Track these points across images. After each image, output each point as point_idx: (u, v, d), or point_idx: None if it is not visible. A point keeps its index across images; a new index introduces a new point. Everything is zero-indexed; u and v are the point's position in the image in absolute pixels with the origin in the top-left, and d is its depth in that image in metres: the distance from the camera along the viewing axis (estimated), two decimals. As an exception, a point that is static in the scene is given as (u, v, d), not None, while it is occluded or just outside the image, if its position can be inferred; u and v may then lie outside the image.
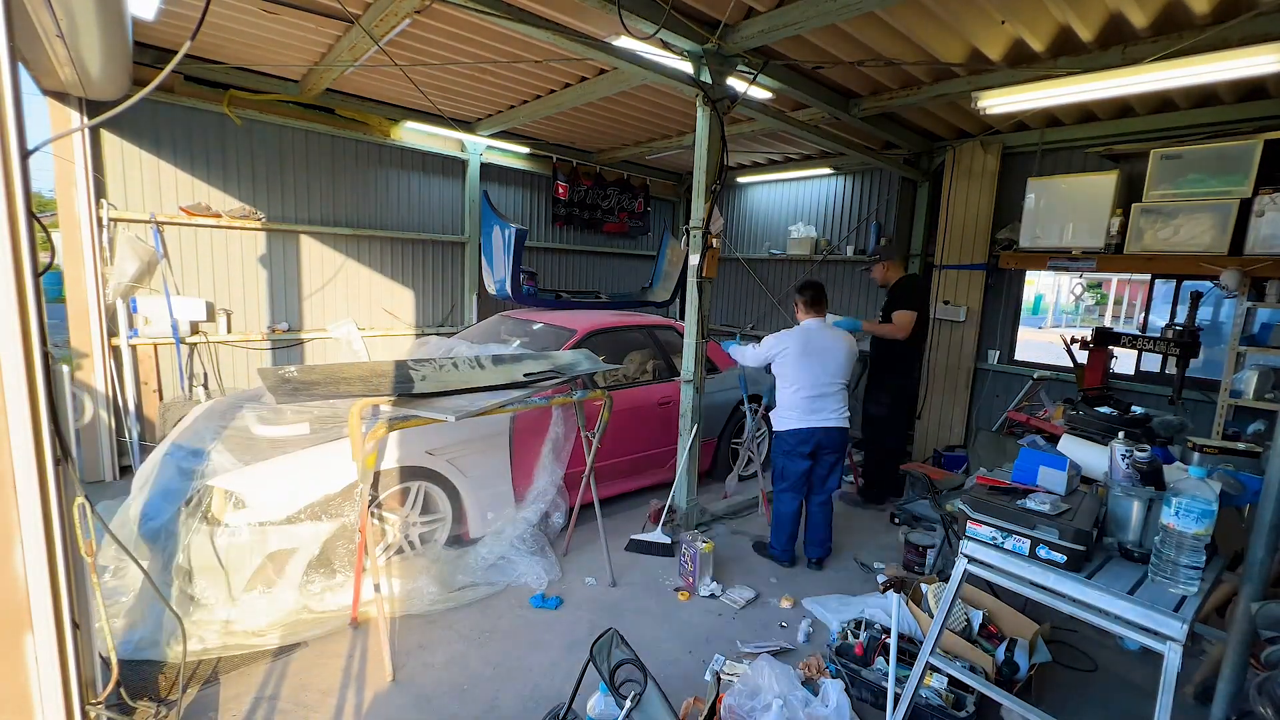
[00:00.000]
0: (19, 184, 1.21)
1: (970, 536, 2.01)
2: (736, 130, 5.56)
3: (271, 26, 3.85)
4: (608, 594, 3.31)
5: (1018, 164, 5.46)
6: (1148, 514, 1.93)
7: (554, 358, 3.41)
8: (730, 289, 8.20)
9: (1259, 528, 1.57)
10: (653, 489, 4.58)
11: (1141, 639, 1.67)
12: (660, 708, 2.00)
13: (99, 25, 2.73)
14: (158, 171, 4.60)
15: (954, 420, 5.94)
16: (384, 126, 5.63)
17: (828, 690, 2.35)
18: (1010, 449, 3.77)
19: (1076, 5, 3.23)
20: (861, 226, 6.80)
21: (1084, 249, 4.52)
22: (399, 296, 6.10)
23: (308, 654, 2.68)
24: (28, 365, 1.27)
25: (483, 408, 2.66)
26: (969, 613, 2.78)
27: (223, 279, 4.99)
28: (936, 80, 4.33)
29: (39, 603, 1.35)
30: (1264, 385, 3.95)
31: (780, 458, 3.66)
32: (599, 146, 6.99)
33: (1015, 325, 5.77)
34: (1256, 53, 3.04)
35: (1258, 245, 3.77)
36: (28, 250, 1.25)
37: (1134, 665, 2.91)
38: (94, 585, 1.70)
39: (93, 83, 3.60)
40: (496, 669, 2.65)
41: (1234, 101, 4.27)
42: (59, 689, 1.40)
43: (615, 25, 3.09)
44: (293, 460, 2.94)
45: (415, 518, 3.29)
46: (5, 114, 1.18)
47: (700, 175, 3.77)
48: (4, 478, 1.28)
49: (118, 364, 4.52)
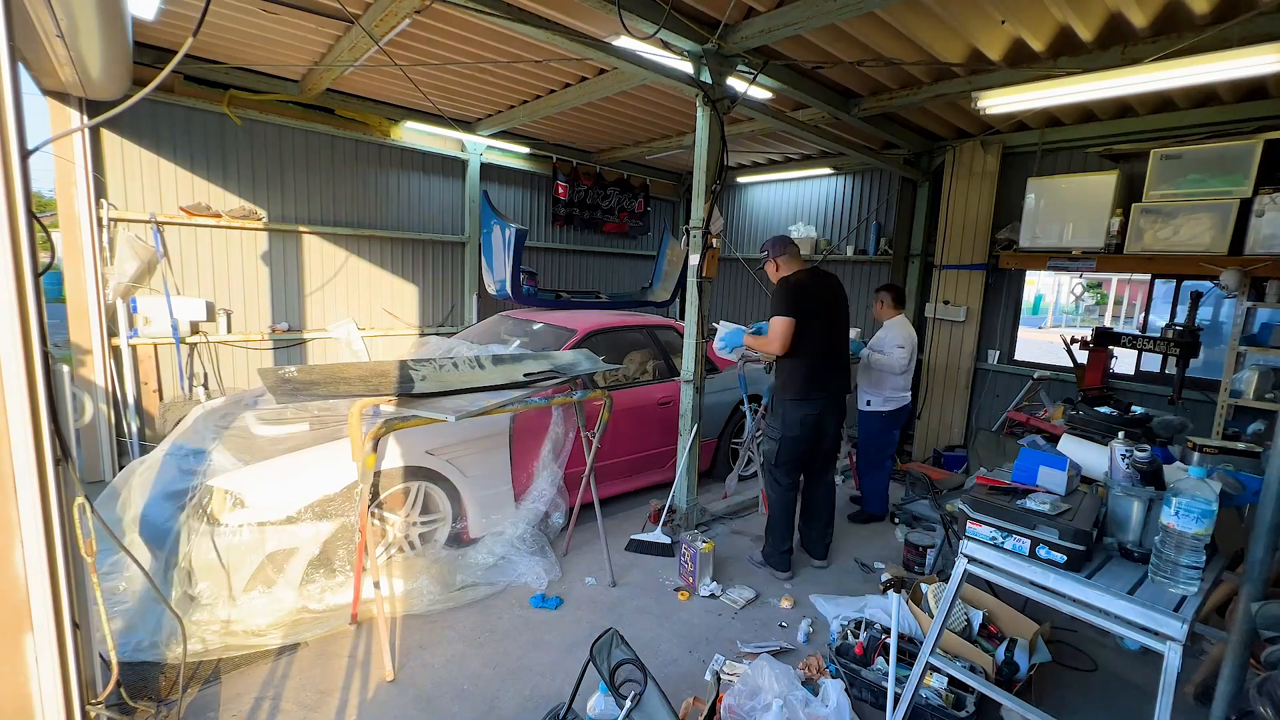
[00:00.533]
0: (19, 184, 1.21)
1: (970, 536, 2.01)
2: (736, 130, 5.56)
3: (271, 26, 3.85)
4: (608, 594, 3.31)
5: (1018, 164, 5.46)
6: (1148, 514, 1.93)
7: (554, 358, 3.41)
8: (730, 289, 8.20)
9: (1259, 528, 1.57)
10: (653, 489, 4.58)
11: (1141, 639, 1.67)
12: (660, 708, 2.01)
13: (99, 25, 2.73)
14: (158, 171, 4.60)
15: (954, 420, 5.94)
16: (384, 126, 5.63)
17: (828, 690, 2.35)
18: (1010, 449, 3.78)
19: (1076, 5, 3.23)
20: (861, 226, 6.80)
21: (1084, 249, 4.52)
22: (399, 296, 6.10)
23: (308, 654, 2.68)
24: (28, 365, 1.27)
25: (483, 408, 2.66)
26: (969, 613, 2.78)
27: (223, 279, 4.99)
28: (936, 80, 4.34)
29: (39, 603, 1.35)
30: (1264, 385, 3.95)
31: (888, 431, 4.36)
32: (599, 146, 6.99)
33: (1015, 325, 5.77)
34: (1256, 53, 3.05)
35: (1258, 245, 3.77)
36: (28, 250, 1.24)
37: (1134, 665, 2.91)
38: (94, 585, 1.71)
39: (93, 83, 3.60)
40: (496, 669, 2.65)
41: (1234, 101, 4.27)
42: (59, 689, 1.40)
43: (615, 25, 3.09)
44: (293, 460, 2.94)
45: (415, 518, 3.29)
46: (5, 114, 1.18)
47: (700, 175, 3.77)
48: (4, 478, 1.28)
49: (118, 364, 4.52)
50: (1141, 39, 3.45)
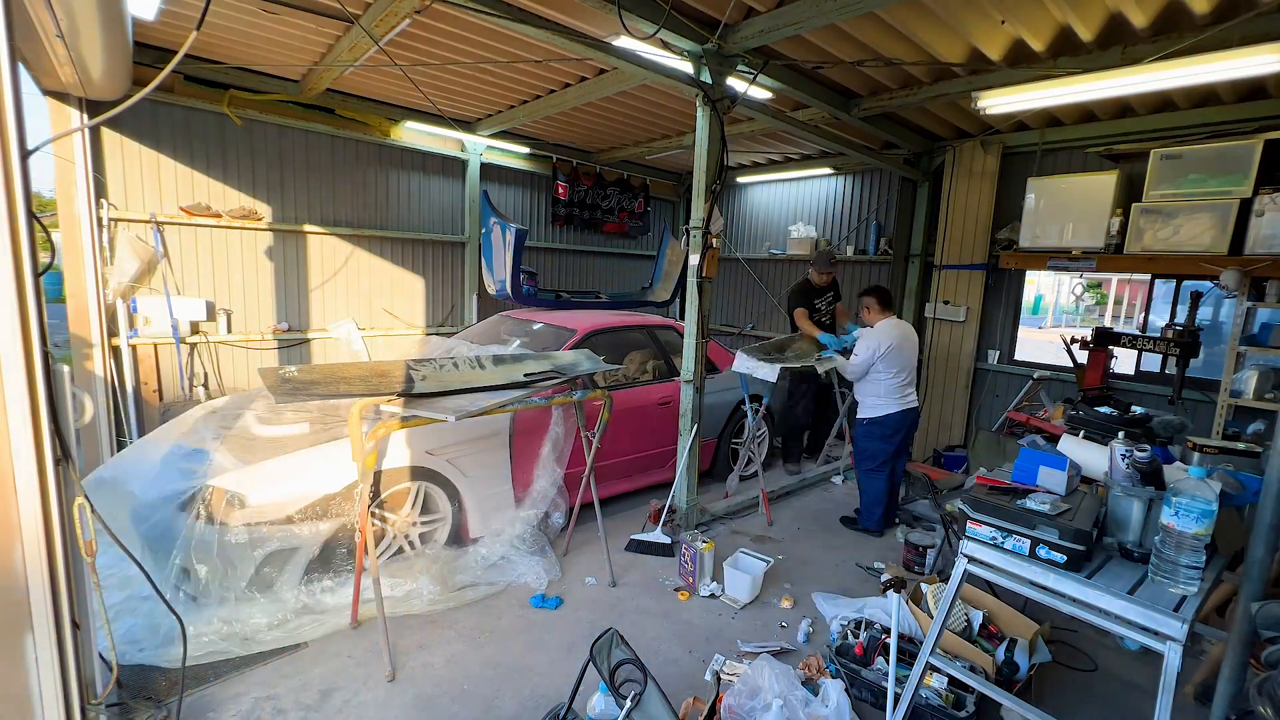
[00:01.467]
0: (19, 184, 1.22)
1: (970, 536, 2.01)
2: (736, 130, 5.56)
3: (271, 26, 3.85)
4: (608, 594, 3.31)
5: (1018, 164, 5.46)
6: (1148, 514, 1.93)
7: (554, 358, 3.41)
8: (730, 289, 8.20)
9: (1259, 528, 1.57)
10: (653, 489, 4.58)
11: (1141, 639, 1.67)
12: (660, 707, 2.01)
13: (99, 25, 2.73)
14: (158, 171, 4.60)
15: (954, 420, 5.94)
16: (384, 126, 5.63)
17: (828, 690, 2.35)
18: (1010, 449, 3.78)
19: (1076, 5, 3.23)
20: (861, 226, 6.80)
21: (1084, 249, 4.51)
22: (399, 296, 6.10)
23: (308, 654, 2.68)
24: (28, 365, 1.27)
25: (483, 407, 2.66)
26: (969, 613, 2.78)
27: (223, 279, 4.99)
28: (936, 80, 4.34)
29: (39, 603, 1.35)
30: (1264, 385, 3.95)
31: (874, 441, 4.08)
32: (599, 146, 6.99)
33: (1015, 325, 5.77)
34: (1256, 53, 3.04)
35: (1258, 245, 3.77)
36: (28, 250, 1.25)
37: (1134, 665, 2.91)
38: (94, 585, 1.71)
39: (93, 83, 3.60)
40: (496, 669, 2.65)
41: (1234, 101, 4.27)
42: (59, 689, 1.40)
43: (615, 25, 3.09)
44: (293, 460, 2.94)
45: (415, 517, 3.29)
46: (5, 114, 1.19)
47: (700, 175, 3.77)
48: (4, 477, 1.28)
49: (118, 364, 4.52)
50: (1141, 39, 3.45)
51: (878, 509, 4.19)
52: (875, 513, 4.20)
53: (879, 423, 4.04)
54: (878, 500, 4.18)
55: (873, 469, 4.13)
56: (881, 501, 4.17)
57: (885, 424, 4.02)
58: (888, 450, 4.05)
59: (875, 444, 4.07)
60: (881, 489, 4.15)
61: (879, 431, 4.05)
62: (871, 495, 4.20)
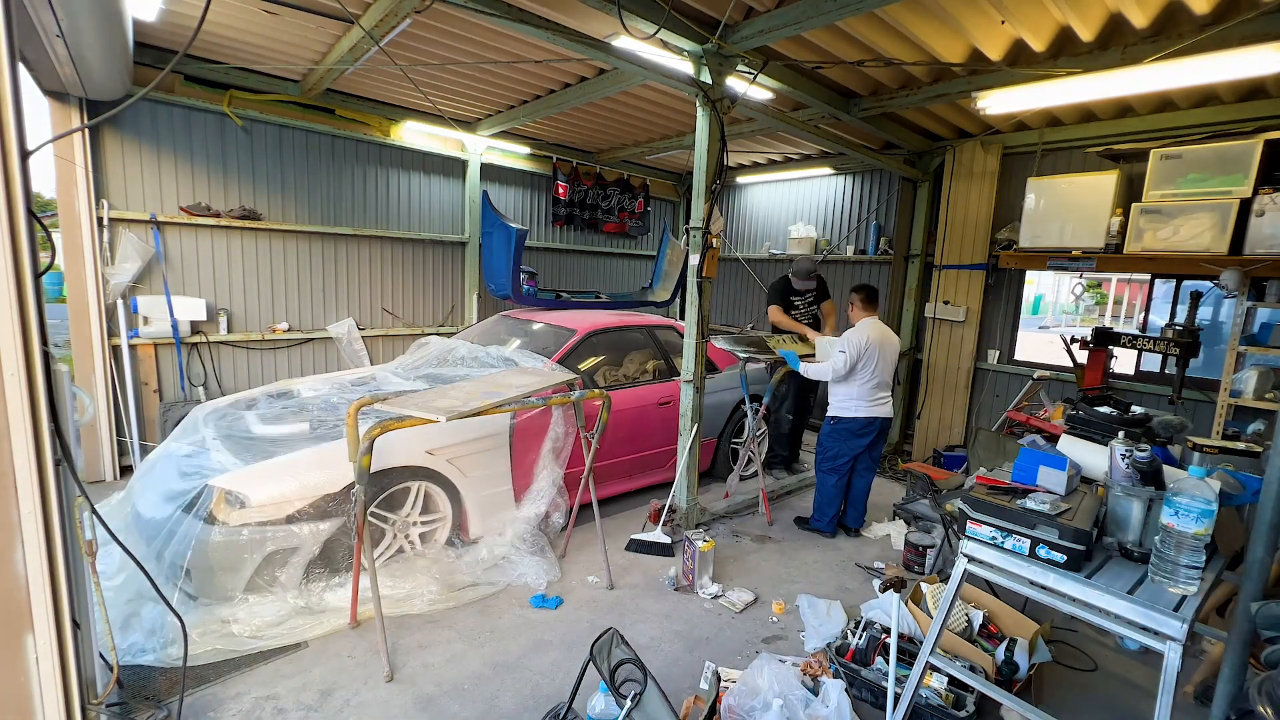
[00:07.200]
0: (19, 184, 1.22)
1: (970, 536, 2.01)
2: (736, 130, 5.56)
3: (272, 26, 3.85)
4: (608, 594, 3.31)
5: (1018, 164, 5.46)
6: (1147, 514, 1.93)
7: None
8: (730, 289, 8.20)
9: (1259, 528, 1.57)
10: (653, 489, 4.58)
11: (1141, 639, 1.67)
12: (660, 707, 2.01)
13: (99, 25, 2.74)
14: (158, 171, 4.60)
15: (954, 420, 5.94)
16: (384, 126, 5.63)
17: (828, 690, 2.35)
18: (1010, 449, 3.77)
19: (1076, 5, 3.23)
20: (861, 226, 6.80)
21: (1084, 249, 4.51)
22: (399, 296, 6.10)
23: (308, 654, 2.68)
24: (28, 365, 1.27)
25: (475, 408, 2.66)
26: (969, 613, 2.78)
27: (223, 279, 4.98)
28: (936, 80, 4.33)
29: (39, 603, 1.36)
30: (1264, 385, 3.95)
31: (837, 441, 4.02)
32: (599, 146, 6.99)
33: (1015, 325, 5.77)
34: (1256, 53, 3.05)
35: (1258, 245, 3.77)
36: (28, 250, 1.25)
37: (1134, 665, 2.91)
38: (94, 585, 1.71)
39: (93, 83, 3.60)
40: (496, 669, 2.65)
41: (1234, 101, 4.26)
42: (59, 689, 1.40)
43: (615, 25, 3.09)
44: (293, 460, 2.94)
45: (415, 517, 3.29)
46: (5, 114, 1.19)
47: (700, 175, 3.77)
48: (4, 478, 1.28)
49: (118, 364, 4.52)
50: (1141, 39, 3.45)
51: (829, 510, 4.13)
52: (827, 513, 4.14)
53: (844, 422, 3.99)
54: (829, 501, 4.12)
55: (829, 468, 4.06)
56: (834, 503, 4.11)
57: (850, 425, 3.96)
58: (848, 453, 3.99)
59: (836, 443, 4.03)
60: (831, 491, 4.09)
61: (842, 431, 4.00)
62: (823, 495, 4.14)
